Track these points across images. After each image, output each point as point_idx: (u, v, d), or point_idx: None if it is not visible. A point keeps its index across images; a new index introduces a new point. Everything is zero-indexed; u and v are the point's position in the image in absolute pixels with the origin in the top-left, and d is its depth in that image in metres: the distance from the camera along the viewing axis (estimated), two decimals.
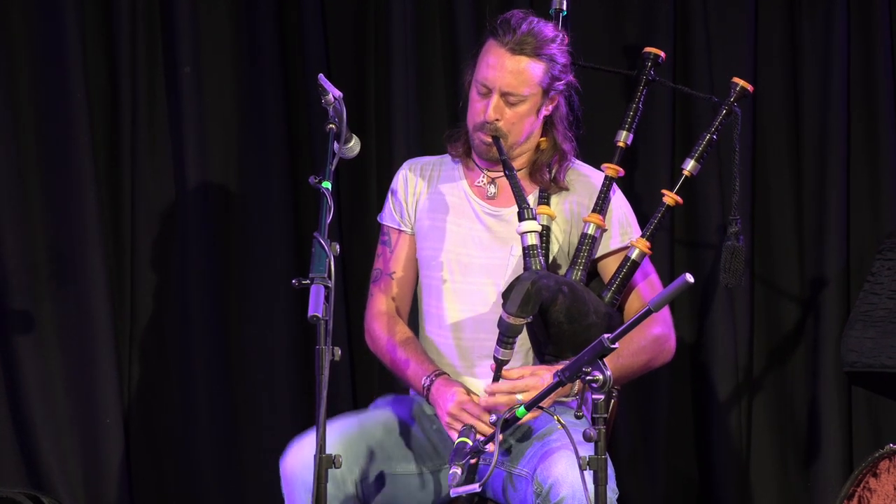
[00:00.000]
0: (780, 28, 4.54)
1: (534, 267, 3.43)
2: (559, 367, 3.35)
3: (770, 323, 4.56)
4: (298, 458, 3.34)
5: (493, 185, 3.61)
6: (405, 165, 3.71)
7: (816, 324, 4.49)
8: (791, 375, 4.55)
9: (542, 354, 3.45)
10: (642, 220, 3.62)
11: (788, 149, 4.55)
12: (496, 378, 3.37)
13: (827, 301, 4.47)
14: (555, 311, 3.36)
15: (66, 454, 4.40)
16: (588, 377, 2.94)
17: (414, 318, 3.69)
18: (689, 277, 2.84)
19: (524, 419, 3.19)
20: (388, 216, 3.68)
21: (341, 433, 3.41)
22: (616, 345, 2.91)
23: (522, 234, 3.46)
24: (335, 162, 3.21)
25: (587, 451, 2.99)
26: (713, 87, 4.43)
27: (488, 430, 3.32)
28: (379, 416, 3.54)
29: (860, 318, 4.31)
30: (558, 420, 3.12)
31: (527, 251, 3.45)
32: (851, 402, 4.49)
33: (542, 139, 3.60)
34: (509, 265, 3.53)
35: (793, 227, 4.55)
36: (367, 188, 4.53)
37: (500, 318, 3.33)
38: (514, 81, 3.46)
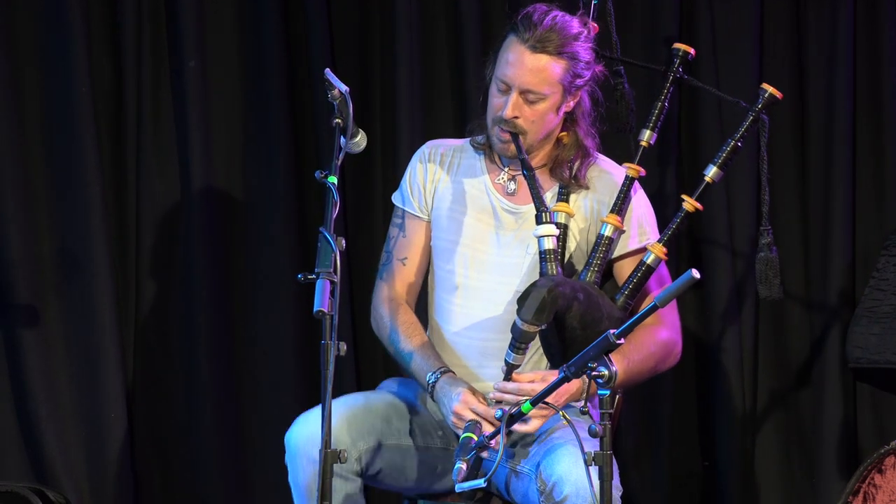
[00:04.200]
0: (785, 24, 4.53)
1: (549, 272, 3.39)
2: None
3: (775, 318, 4.56)
4: (303, 432, 3.33)
5: (513, 182, 3.56)
6: (425, 147, 3.64)
7: (821, 319, 4.49)
8: (795, 371, 4.55)
9: (552, 357, 3.43)
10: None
11: (794, 144, 4.55)
12: (506, 381, 3.37)
13: (832, 297, 4.47)
14: (569, 317, 3.32)
15: (71, 448, 4.40)
16: (593, 373, 2.94)
17: (422, 309, 3.67)
18: (695, 273, 2.84)
19: (531, 426, 3.21)
20: (405, 199, 3.62)
21: (347, 408, 3.40)
22: (622, 340, 2.91)
23: (539, 237, 3.42)
24: (341, 157, 3.21)
25: (592, 447, 2.98)
26: (718, 85, 4.41)
27: (494, 426, 3.32)
28: (385, 395, 3.54)
29: (865, 313, 4.31)
30: (564, 416, 3.12)
31: (543, 255, 3.41)
32: (856, 398, 4.48)
33: (564, 133, 3.54)
34: (524, 264, 3.50)
35: (798, 222, 4.55)
36: (372, 183, 4.52)
37: (514, 324, 3.31)
38: (533, 80, 3.40)
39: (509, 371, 3.35)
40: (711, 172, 3.55)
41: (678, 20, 4.48)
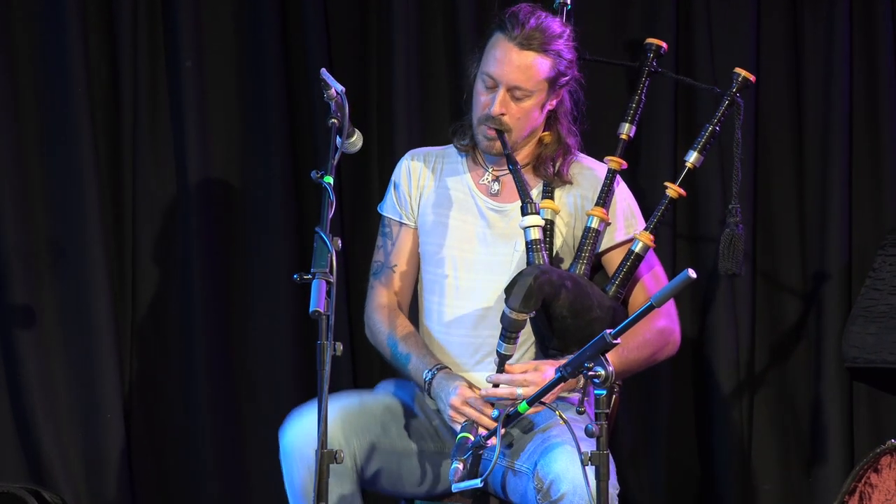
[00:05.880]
0: (782, 20, 4.53)
1: (536, 261, 3.44)
2: (563, 361, 3.36)
3: (771, 318, 4.56)
4: (298, 431, 3.35)
5: (496, 182, 3.61)
6: (407, 156, 3.70)
7: (818, 319, 4.49)
8: (792, 371, 4.55)
9: (546, 349, 3.45)
10: (646, 214, 3.63)
11: (791, 143, 4.55)
12: (499, 373, 3.38)
13: (828, 296, 4.47)
14: (558, 305, 3.36)
15: (67, 449, 4.40)
16: (590, 373, 2.94)
17: (413, 313, 3.69)
18: (692, 273, 2.84)
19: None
20: (390, 208, 3.68)
21: (342, 408, 3.41)
22: (618, 340, 2.91)
23: (525, 228, 3.46)
24: (337, 157, 3.22)
25: (589, 446, 2.99)
26: (716, 79, 4.42)
27: (490, 425, 3.32)
28: (381, 396, 3.56)
29: (862, 313, 4.31)
30: (560, 416, 3.12)
31: (529, 246, 3.46)
32: (853, 397, 4.49)
33: (546, 133, 3.60)
34: (513, 261, 3.53)
35: (795, 222, 4.55)
36: (368, 183, 4.52)
37: (503, 314, 3.34)
38: (521, 76, 3.46)
39: (501, 362, 3.38)
40: (692, 158, 3.62)
41: (675, 22, 4.48)
